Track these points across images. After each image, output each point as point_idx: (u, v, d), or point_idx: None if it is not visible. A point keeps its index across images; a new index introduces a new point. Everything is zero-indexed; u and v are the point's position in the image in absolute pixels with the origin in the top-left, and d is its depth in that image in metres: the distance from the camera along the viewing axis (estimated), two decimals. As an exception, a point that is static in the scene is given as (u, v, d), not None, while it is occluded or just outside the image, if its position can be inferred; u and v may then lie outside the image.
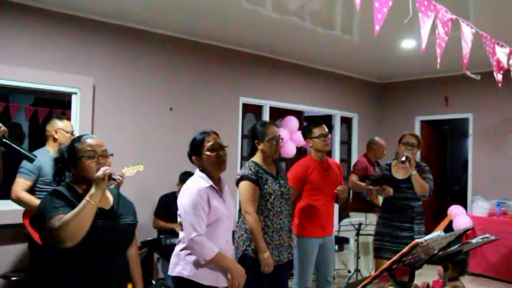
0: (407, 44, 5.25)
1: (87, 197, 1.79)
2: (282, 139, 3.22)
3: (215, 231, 2.44)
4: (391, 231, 3.80)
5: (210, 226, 2.43)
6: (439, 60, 2.28)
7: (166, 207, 4.55)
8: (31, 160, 1.74)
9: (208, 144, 2.48)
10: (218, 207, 2.45)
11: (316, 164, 3.55)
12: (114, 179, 1.87)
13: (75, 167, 1.95)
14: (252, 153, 3.16)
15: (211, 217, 2.42)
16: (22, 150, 1.72)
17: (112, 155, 2.02)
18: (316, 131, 3.52)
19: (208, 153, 2.48)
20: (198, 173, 2.55)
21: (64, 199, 1.86)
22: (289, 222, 3.18)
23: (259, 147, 3.08)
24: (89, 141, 1.97)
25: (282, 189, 3.09)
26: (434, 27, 2.24)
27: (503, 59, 2.87)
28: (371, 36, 1.97)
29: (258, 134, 3.08)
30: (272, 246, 2.99)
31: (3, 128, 1.66)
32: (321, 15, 4.37)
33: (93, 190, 1.82)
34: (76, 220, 1.74)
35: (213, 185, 2.48)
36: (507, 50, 2.94)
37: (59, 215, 1.77)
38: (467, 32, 2.52)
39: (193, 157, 2.54)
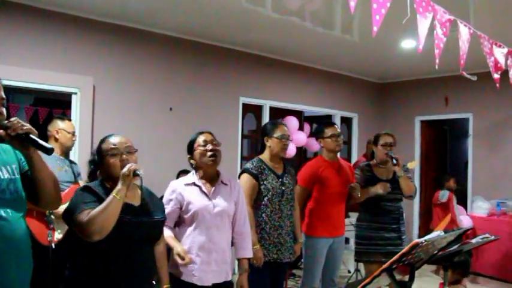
0: (407, 44, 5.24)
1: (113, 193, 1.88)
2: (291, 140, 3.24)
3: (192, 228, 2.50)
4: (378, 233, 3.65)
5: (185, 222, 2.52)
6: (437, 61, 2.29)
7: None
8: (50, 152, 1.69)
9: (200, 140, 2.57)
10: (192, 203, 2.49)
11: (327, 164, 3.55)
12: (138, 175, 1.94)
13: (102, 166, 2.05)
14: (261, 150, 3.21)
15: (185, 212, 2.50)
16: (44, 144, 1.70)
17: (137, 150, 2.08)
18: (328, 131, 3.53)
19: (200, 148, 2.55)
20: (192, 171, 2.65)
21: (94, 194, 1.93)
22: (291, 224, 3.17)
23: (267, 143, 3.14)
24: (112, 139, 2.06)
25: (284, 188, 3.10)
26: (432, 27, 2.25)
27: (501, 60, 2.87)
28: (371, 36, 1.97)
29: (267, 130, 3.16)
30: (269, 243, 3.03)
31: (28, 126, 1.63)
32: (321, 15, 4.37)
33: (119, 186, 1.89)
34: (102, 215, 1.82)
35: (196, 182, 2.54)
36: (505, 50, 2.94)
37: (87, 210, 1.85)
38: (464, 32, 2.52)
39: (188, 156, 2.62)
